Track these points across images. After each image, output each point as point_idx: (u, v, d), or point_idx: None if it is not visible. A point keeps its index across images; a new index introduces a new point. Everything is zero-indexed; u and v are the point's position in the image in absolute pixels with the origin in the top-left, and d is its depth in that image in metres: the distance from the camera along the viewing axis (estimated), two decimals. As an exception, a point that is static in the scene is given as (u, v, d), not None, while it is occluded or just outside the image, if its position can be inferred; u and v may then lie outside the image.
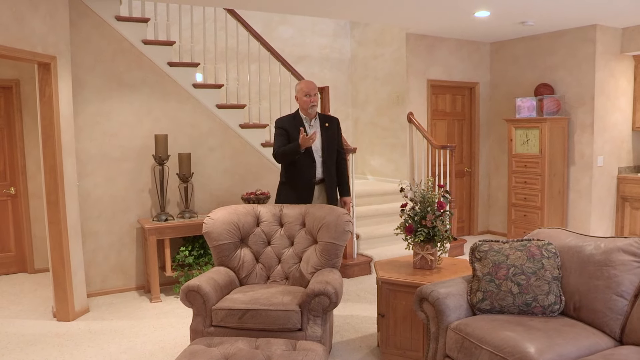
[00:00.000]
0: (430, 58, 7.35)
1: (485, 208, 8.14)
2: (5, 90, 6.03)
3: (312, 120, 4.55)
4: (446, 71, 7.52)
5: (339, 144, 4.68)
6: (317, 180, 4.54)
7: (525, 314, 2.94)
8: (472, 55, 7.73)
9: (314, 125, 4.56)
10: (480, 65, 7.83)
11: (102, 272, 5.37)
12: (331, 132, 4.59)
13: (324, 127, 4.58)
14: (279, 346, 2.83)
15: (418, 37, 7.21)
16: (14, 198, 6.18)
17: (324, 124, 4.59)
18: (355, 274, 5.88)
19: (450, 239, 3.71)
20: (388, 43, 7.51)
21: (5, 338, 4.29)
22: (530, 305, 2.91)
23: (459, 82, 7.66)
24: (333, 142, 4.59)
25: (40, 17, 4.28)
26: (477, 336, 2.73)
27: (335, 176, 4.61)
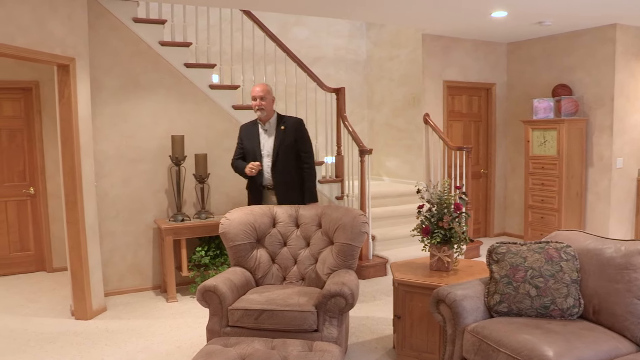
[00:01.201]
0: (446, 59, 7.32)
1: (501, 210, 8.08)
2: (25, 92, 6.10)
3: (267, 124, 4.55)
4: (462, 72, 7.48)
5: (301, 148, 4.56)
6: (268, 186, 4.56)
7: (544, 317, 2.92)
8: (489, 56, 7.68)
9: (269, 129, 4.55)
10: (497, 66, 7.79)
11: (119, 272, 5.41)
12: (287, 135, 4.50)
13: (278, 130, 4.53)
14: (295, 347, 2.83)
15: (434, 38, 7.18)
16: (33, 198, 6.25)
17: (279, 127, 4.54)
18: (371, 275, 5.87)
19: (467, 240, 3.69)
20: (404, 44, 7.49)
21: (25, 335, 4.34)
22: (548, 308, 2.89)
23: (475, 83, 7.62)
24: (289, 146, 4.50)
25: (59, 20, 4.33)
26: (494, 339, 2.71)
27: (291, 182, 4.53)
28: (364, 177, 5.81)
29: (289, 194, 4.50)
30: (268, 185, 4.55)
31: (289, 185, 4.51)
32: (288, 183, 4.51)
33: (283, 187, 4.50)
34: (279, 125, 4.54)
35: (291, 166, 4.52)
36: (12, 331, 4.45)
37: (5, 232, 6.17)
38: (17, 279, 6.08)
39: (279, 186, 4.50)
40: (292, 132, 4.53)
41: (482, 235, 7.97)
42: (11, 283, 5.90)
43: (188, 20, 6.49)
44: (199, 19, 6.65)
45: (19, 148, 6.14)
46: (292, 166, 4.52)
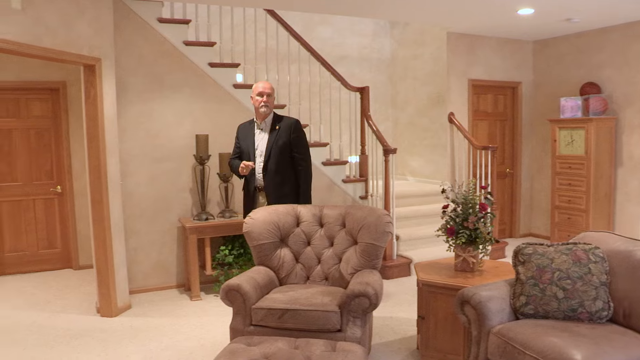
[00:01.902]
0: (471, 57, 7.25)
1: (527, 210, 7.98)
2: (52, 92, 6.20)
3: (263, 123, 4.48)
4: (488, 71, 7.40)
5: (297, 150, 4.45)
6: (259, 187, 4.48)
7: (571, 320, 2.86)
8: (515, 54, 7.59)
9: (264, 128, 4.48)
10: (523, 65, 7.68)
11: (143, 270, 5.46)
12: (281, 136, 4.42)
13: (273, 129, 4.44)
14: (319, 347, 2.82)
15: (459, 36, 7.12)
16: (60, 196, 6.34)
17: (274, 126, 4.46)
18: (394, 275, 5.84)
19: (492, 241, 3.65)
20: (428, 42, 7.44)
21: (52, 331, 4.41)
22: (576, 311, 2.83)
23: (501, 82, 7.53)
24: (282, 147, 4.40)
25: (86, 21, 4.38)
26: (520, 341, 2.67)
27: (284, 184, 4.42)
28: (388, 176, 5.78)
29: (279, 196, 4.38)
30: (259, 187, 4.47)
31: (280, 187, 4.40)
32: (279, 185, 4.40)
33: (273, 188, 4.39)
34: (274, 124, 4.47)
35: (284, 168, 4.40)
36: (40, 326, 4.53)
37: (34, 230, 6.27)
38: (45, 275, 6.18)
39: (269, 188, 4.40)
40: (287, 133, 4.43)
41: (507, 236, 7.87)
42: (39, 279, 6.00)
43: (212, 20, 6.52)
44: (223, 18, 6.68)
45: (46, 147, 6.24)
46: (285, 168, 4.41)
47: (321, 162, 6.08)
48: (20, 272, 6.26)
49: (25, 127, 6.15)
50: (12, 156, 6.13)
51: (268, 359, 2.68)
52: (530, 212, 8.00)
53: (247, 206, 4.56)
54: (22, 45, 3.76)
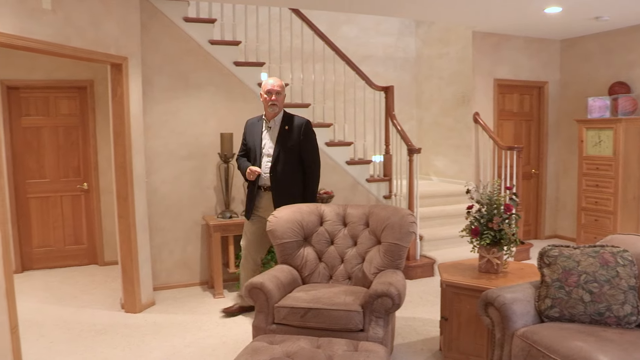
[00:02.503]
0: (497, 57, 7.18)
1: (552, 211, 7.88)
2: (80, 91, 6.29)
3: (272, 121, 4.41)
4: (513, 70, 7.32)
5: (306, 151, 4.40)
6: (264, 187, 4.42)
7: (598, 324, 2.82)
8: (541, 53, 7.49)
9: (272, 127, 4.41)
10: (550, 64, 7.58)
11: (167, 267, 5.51)
12: (290, 136, 4.35)
13: (282, 130, 4.37)
14: (341, 346, 2.82)
15: (484, 35, 7.05)
16: (87, 193, 6.43)
17: (283, 126, 4.38)
18: (417, 275, 5.81)
19: (517, 242, 3.61)
20: (453, 42, 7.38)
21: (77, 326, 4.48)
22: (603, 315, 2.79)
23: (527, 82, 7.44)
24: (291, 148, 4.34)
25: (113, 21, 4.44)
26: (545, 344, 2.63)
27: (291, 185, 4.36)
28: (412, 176, 5.75)
29: (286, 197, 4.33)
30: (264, 186, 4.42)
31: (287, 188, 4.35)
32: (286, 186, 4.34)
33: (280, 189, 4.34)
34: (284, 124, 4.40)
35: (292, 169, 4.35)
36: (65, 321, 4.60)
37: (61, 226, 6.37)
38: (71, 271, 6.28)
39: (276, 188, 4.34)
40: (296, 134, 4.36)
41: (532, 238, 7.79)
42: (65, 275, 6.10)
43: (237, 19, 6.56)
44: (248, 17, 6.71)
45: (74, 145, 6.34)
46: (293, 169, 4.36)
47: (345, 162, 6.08)
48: (48, 267, 6.38)
49: (53, 124, 6.25)
50: (41, 153, 6.24)
51: (290, 357, 2.69)
52: (555, 213, 7.89)
53: (249, 205, 4.50)
54: (52, 45, 3.83)
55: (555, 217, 7.90)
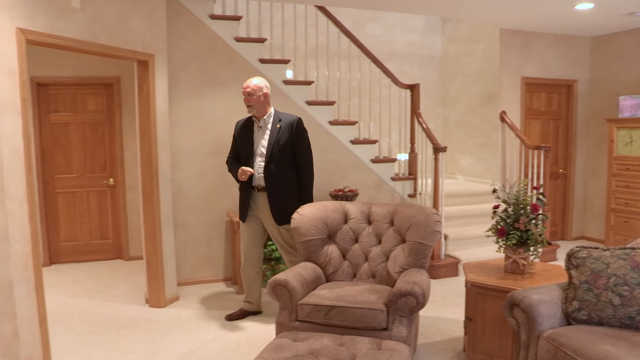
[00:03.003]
0: (525, 54, 7.08)
1: (580, 212, 7.74)
2: (107, 87, 6.37)
3: (261, 121, 4.33)
4: (542, 68, 7.21)
5: (299, 149, 4.31)
6: (258, 187, 4.35)
7: (628, 328, 2.75)
8: (571, 51, 7.36)
9: (263, 126, 4.33)
10: (580, 62, 7.45)
11: (191, 263, 5.55)
12: (281, 135, 4.27)
13: (274, 128, 4.30)
14: (364, 344, 2.81)
15: (512, 33, 6.96)
16: (113, 189, 6.51)
17: (274, 125, 4.31)
18: (442, 275, 5.76)
19: (544, 243, 3.56)
20: (480, 39, 7.30)
21: (103, 319, 4.54)
22: (634, 319, 2.72)
23: (556, 80, 7.32)
24: (283, 146, 4.26)
25: (140, 18, 4.48)
26: (572, 347, 2.58)
27: (285, 184, 4.29)
28: (437, 175, 5.71)
29: (281, 196, 4.28)
30: (258, 187, 4.35)
31: (281, 187, 4.28)
32: (281, 185, 4.28)
33: (275, 189, 4.27)
34: (275, 123, 4.32)
35: (285, 168, 4.28)
36: (91, 315, 4.66)
37: (87, 221, 6.46)
38: (97, 265, 6.37)
39: (271, 188, 4.26)
40: (288, 131, 4.28)
41: (558, 239, 7.67)
42: (91, 269, 6.18)
43: (263, 16, 6.57)
44: (274, 15, 6.72)
45: (100, 141, 6.42)
46: (287, 168, 4.29)
47: (370, 160, 6.06)
48: (74, 261, 6.47)
49: (81, 121, 6.34)
50: (68, 149, 6.33)
51: (313, 354, 2.69)
52: (583, 214, 7.76)
53: (243, 206, 4.42)
54: (80, 42, 3.87)
55: (582, 218, 7.77)
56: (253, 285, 4.57)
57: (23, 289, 3.46)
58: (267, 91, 4.29)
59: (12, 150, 3.36)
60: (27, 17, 3.45)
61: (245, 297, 4.62)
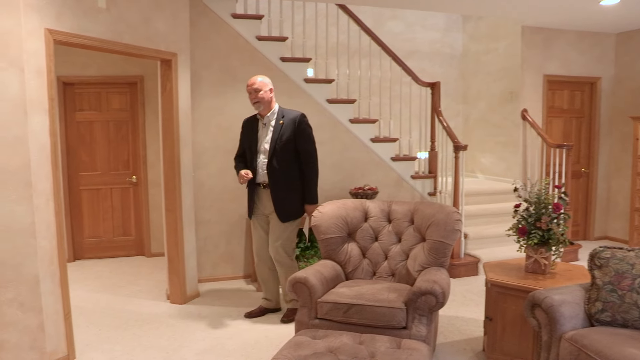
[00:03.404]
0: (548, 52, 7.01)
1: (603, 212, 7.66)
2: (130, 86, 6.44)
3: (265, 118, 4.33)
4: (565, 66, 7.14)
5: (301, 144, 4.28)
6: (263, 184, 4.34)
7: (652, 329, 2.73)
8: (594, 48, 7.28)
9: (267, 123, 4.32)
10: (604, 59, 7.36)
11: (212, 260, 5.60)
12: (285, 131, 4.25)
13: (277, 125, 4.28)
14: (383, 343, 2.82)
15: (534, 30, 6.90)
16: (136, 186, 6.59)
17: (278, 121, 4.29)
18: (461, 274, 5.75)
19: (566, 243, 3.53)
20: (502, 37, 7.25)
21: (125, 315, 4.60)
22: (656, 319, 2.70)
23: (579, 77, 7.24)
24: (286, 142, 4.24)
25: (164, 18, 4.52)
26: (595, 349, 2.57)
27: (289, 181, 4.28)
28: (458, 173, 5.69)
29: (284, 193, 4.28)
30: (263, 183, 4.33)
31: (284, 184, 4.27)
32: (284, 182, 4.27)
33: (278, 185, 4.26)
34: (278, 120, 4.30)
35: (289, 164, 4.26)
36: (114, 310, 4.73)
37: (110, 217, 6.55)
38: (119, 261, 6.45)
39: (274, 185, 4.26)
40: (291, 127, 4.25)
41: (580, 238, 7.59)
42: (114, 265, 6.27)
43: (284, 15, 6.60)
44: (295, 13, 6.74)
45: (124, 139, 6.50)
46: (290, 164, 4.27)
47: (390, 158, 6.05)
48: (97, 257, 6.57)
49: (105, 119, 6.42)
50: (92, 147, 6.42)
51: (333, 352, 2.70)
52: (606, 214, 7.68)
53: (250, 203, 4.44)
54: (106, 41, 3.93)
55: (605, 217, 7.68)
56: (268, 282, 4.60)
57: (48, 284, 3.53)
58: (271, 87, 4.31)
59: (39, 148, 3.43)
60: (55, 17, 3.51)
61: (264, 295, 4.65)
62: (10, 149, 3.31)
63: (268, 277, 4.59)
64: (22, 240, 3.38)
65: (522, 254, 6.16)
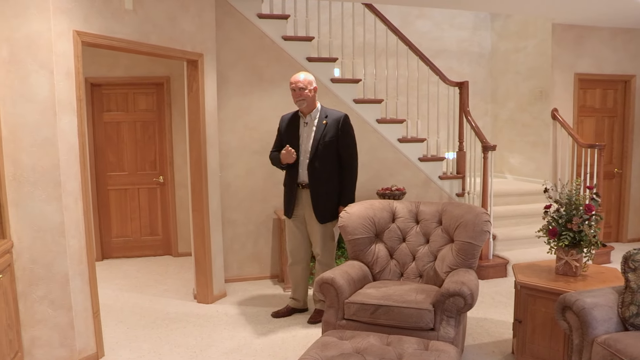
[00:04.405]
0: (579, 50, 6.88)
1: (637, 213, 7.48)
2: (157, 87, 6.50)
3: (308, 117, 4.27)
4: (596, 64, 6.99)
5: (344, 146, 4.24)
6: (302, 184, 4.29)
7: (688, 333, 2.65)
8: (628, 45, 7.11)
9: (309, 122, 4.27)
10: (638, 56, 7.18)
11: (239, 259, 5.61)
12: (328, 131, 4.20)
13: (320, 124, 4.22)
14: (411, 344, 2.79)
15: (565, 28, 6.77)
16: (163, 186, 6.64)
17: (321, 121, 4.23)
18: (490, 275, 5.67)
19: (598, 245, 3.45)
20: (531, 35, 7.13)
21: (153, 314, 4.64)
22: (694, 323, 2.62)
23: (611, 75, 7.09)
24: (329, 142, 4.20)
25: (189, 18, 4.55)
26: (629, 354, 2.49)
27: (329, 181, 4.24)
28: (486, 174, 5.61)
29: (324, 193, 4.24)
30: (302, 183, 4.30)
31: (325, 184, 4.23)
32: (324, 182, 4.23)
33: (318, 186, 4.23)
34: (321, 119, 4.26)
35: (330, 164, 4.22)
36: (141, 309, 4.78)
37: (138, 217, 6.62)
38: (146, 260, 6.51)
39: (314, 185, 4.23)
40: (334, 128, 4.21)
41: (613, 240, 7.43)
42: (141, 264, 6.33)
43: (310, 14, 6.58)
44: (321, 13, 6.73)
45: (151, 139, 6.56)
46: (331, 164, 4.23)
47: (417, 158, 6.00)
48: (125, 257, 6.64)
49: (132, 120, 6.49)
50: (120, 147, 6.50)
51: (360, 353, 2.68)
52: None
53: (288, 203, 4.41)
54: (133, 42, 3.96)
55: (639, 219, 7.50)
56: (299, 283, 4.60)
57: (78, 283, 3.58)
58: (316, 85, 4.27)
59: (68, 149, 3.48)
60: (83, 19, 3.55)
61: (292, 295, 4.64)
62: (41, 150, 3.35)
63: (301, 278, 4.58)
64: (52, 239, 3.42)
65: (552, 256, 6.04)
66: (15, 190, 3.34)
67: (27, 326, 3.44)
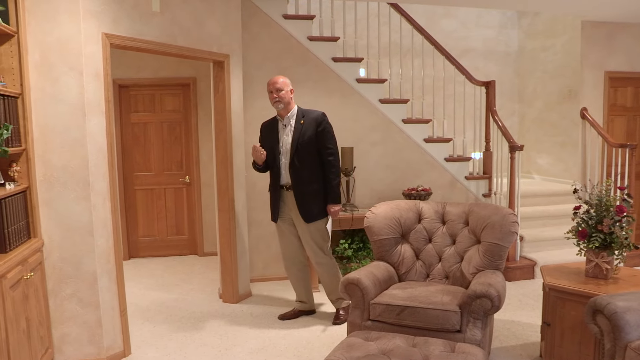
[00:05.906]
0: (609, 47, 6.75)
1: (669, 214, 7.32)
2: (183, 88, 6.56)
3: (285, 118, 4.25)
4: (629, 61, 6.85)
5: (323, 144, 4.20)
6: (286, 185, 4.27)
7: None
8: (661, 43, 6.96)
9: (287, 124, 4.24)
10: (671, 54, 7.03)
11: (263, 260, 5.62)
12: (305, 130, 4.18)
13: (297, 124, 4.20)
14: (437, 346, 2.76)
15: (595, 25, 6.65)
16: (189, 186, 6.70)
17: (298, 121, 4.21)
18: (517, 277, 5.59)
19: (630, 247, 3.38)
20: (559, 33, 7.03)
21: (179, 313, 4.68)
22: None
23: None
24: (308, 142, 4.16)
25: (216, 20, 4.58)
26: (663, 358, 2.44)
27: (312, 181, 4.20)
28: (513, 174, 5.54)
29: (307, 193, 4.21)
30: (286, 185, 4.28)
31: (307, 184, 4.20)
32: (307, 182, 4.20)
33: (301, 185, 4.20)
34: (299, 119, 4.24)
35: (311, 163, 4.19)
36: (168, 307, 4.83)
37: (164, 217, 6.68)
38: (172, 260, 6.58)
39: (297, 185, 4.21)
40: (312, 127, 4.18)
41: (645, 242, 7.29)
42: (168, 264, 6.39)
43: (336, 15, 6.57)
44: (347, 13, 6.71)
45: (177, 140, 6.62)
46: (312, 164, 4.20)
47: (444, 158, 5.96)
48: (152, 256, 6.71)
49: (158, 120, 6.56)
50: (147, 148, 6.57)
51: (386, 355, 2.66)
52: (672, 216, 7.34)
53: (273, 207, 4.39)
54: (160, 44, 4.00)
55: (671, 220, 7.34)
56: (300, 284, 4.58)
57: (105, 281, 3.63)
58: (292, 88, 4.28)
59: (97, 149, 3.52)
60: (112, 22, 3.60)
61: (297, 297, 4.63)
62: (70, 150, 3.41)
63: (299, 279, 4.57)
64: (81, 238, 3.48)
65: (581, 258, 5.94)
66: (46, 190, 3.40)
67: (57, 323, 3.51)
